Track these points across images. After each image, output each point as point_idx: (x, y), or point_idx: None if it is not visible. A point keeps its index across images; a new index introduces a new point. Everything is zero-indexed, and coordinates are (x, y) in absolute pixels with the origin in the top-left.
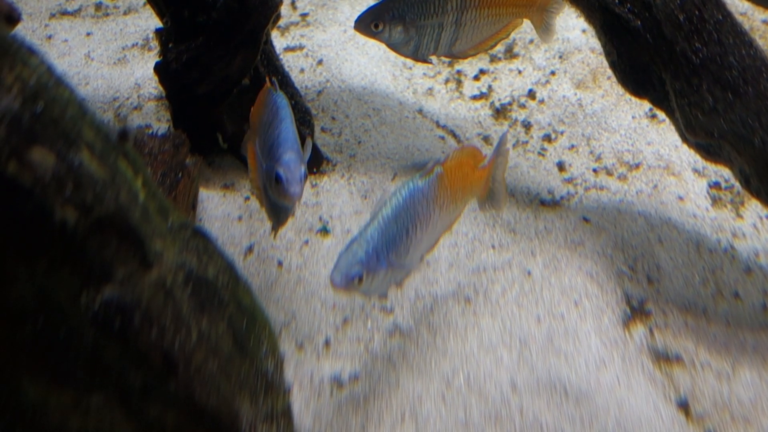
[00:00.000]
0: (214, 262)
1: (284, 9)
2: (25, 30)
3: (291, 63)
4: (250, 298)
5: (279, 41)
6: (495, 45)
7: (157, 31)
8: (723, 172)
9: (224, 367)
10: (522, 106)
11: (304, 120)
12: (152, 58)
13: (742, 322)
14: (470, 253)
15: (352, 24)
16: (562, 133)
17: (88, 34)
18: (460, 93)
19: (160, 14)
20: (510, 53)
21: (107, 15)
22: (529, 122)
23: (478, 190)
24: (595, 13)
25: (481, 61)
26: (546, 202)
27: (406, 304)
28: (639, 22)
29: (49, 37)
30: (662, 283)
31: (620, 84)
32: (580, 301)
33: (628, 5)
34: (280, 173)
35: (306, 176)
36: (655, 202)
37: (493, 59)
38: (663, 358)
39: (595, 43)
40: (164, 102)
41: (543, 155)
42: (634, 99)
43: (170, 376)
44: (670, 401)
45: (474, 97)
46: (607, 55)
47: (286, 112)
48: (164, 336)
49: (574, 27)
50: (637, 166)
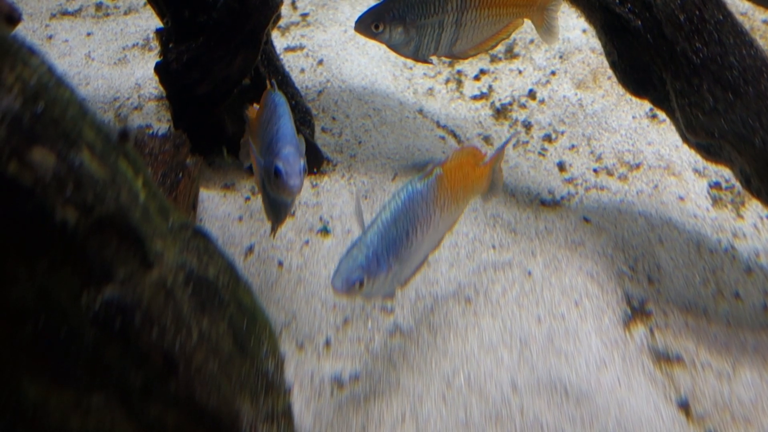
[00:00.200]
0: (214, 263)
1: (284, 9)
2: (26, 30)
3: (291, 63)
4: (251, 298)
5: (279, 41)
6: (496, 45)
7: (158, 31)
8: (723, 172)
9: (225, 367)
10: (522, 106)
11: (304, 120)
12: (153, 58)
13: (742, 322)
14: (471, 254)
15: (353, 24)
16: (562, 133)
17: (89, 35)
18: (461, 93)
19: (161, 14)
20: (510, 53)
21: (108, 15)
22: (529, 122)
23: (480, 187)
24: (595, 13)
25: (481, 61)
26: (546, 202)
27: (406, 305)
28: (639, 22)
29: (50, 38)
30: (663, 283)
31: (621, 84)
32: (580, 301)
33: (629, 5)
34: (279, 166)
35: (305, 170)
36: (656, 202)
37: (494, 59)
38: (663, 358)
39: (596, 43)
40: (165, 102)
41: (543, 155)
42: (634, 99)
43: (171, 376)
44: (671, 401)
45: (474, 97)
46: (608, 55)
47: (284, 109)
48: (165, 336)
49: (574, 27)
50: (638, 166)
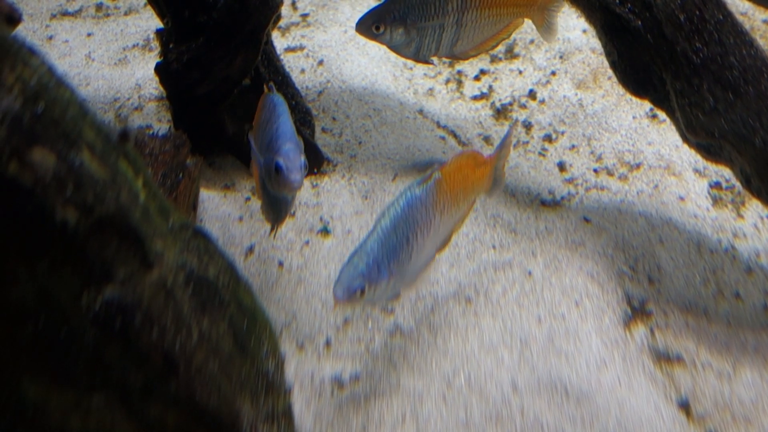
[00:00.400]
0: (214, 263)
1: (285, 9)
2: (26, 31)
3: (291, 63)
4: (251, 298)
5: (280, 42)
6: (497, 45)
7: (158, 32)
8: (724, 172)
9: (225, 368)
10: (523, 106)
11: (304, 120)
12: (153, 58)
13: (743, 322)
14: (471, 254)
15: (353, 24)
16: (562, 133)
17: (89, 35)
18: (461, 93)
19: (161, 15)
20: (510, 53)
21: (108, 15)
22: (529, 122)
23: (482, 186)
24: (595, 13)
25: (481, 62)
26: (547, 203)
27: (406, 305)
28: (639, 22)
29: (50, 38)
30: (663, 283)
31: (621, 84)
32: (580, 302)
33: (629, 5)
34: (280, 162)
35: (306, 166)
36: (656, 202)
37: (494, 59)
38: (664, 358)
39: (596, 43)
40: (165, 102)
41: (544, 155)
42: (634, 99)
43: (171, 376)
44: (671, 401)
45: (475, 98)
46: (608, 55)
47: (283, 109)
48: (165, 336)
49: (574, 27)
50: (638, 166)
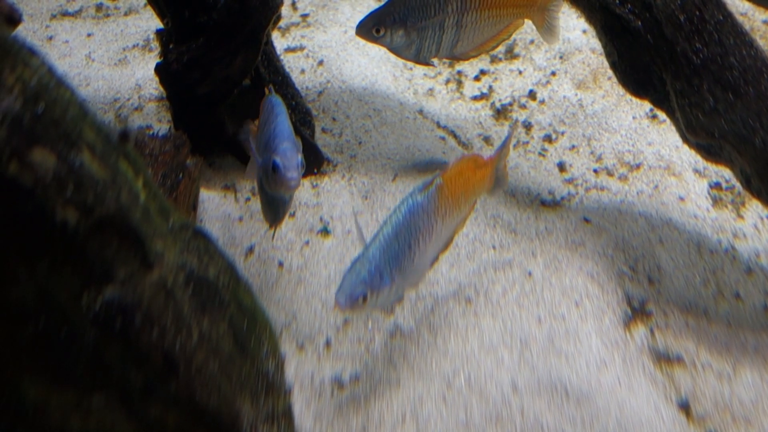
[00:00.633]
0: (214, 263)
1: (285, 10)
2: (26, 31)
3: (291, 64)
4: (251, 298)
5: (280, 42)
6: (497, 46)
7: (158, 32)
8: (724, 173)
9: (225, 368)
10: (523, 106)
11: (304, 120)
12: (153, 59)
13: (743, 322)
14: (471, 254)
15: (353, 25)
16: (562, 133)
17: (89, 35)
18: (461, 93)
19: (161, 15)
20: (510, 54)
21: (108, 16)
22: (529, 123)
23: (483, 188)
24: (595, 14)
25: (481, 62)
26: (547, 203)
27: (406, 305)
28: (639, 23)
29: (50, 38)
30: (663, 283)
31: (621, 84)
32: (580, 302)
33: (629, 6)
34: (277, 161)
35: (303, 165)
36: (656, 202)
37: (494, 60)
38: (664, 358)
39: (596, 43)
40: (165, 103)
41: (544, 156)
42: (634, 99)
43: (171, 376)
44: (671, 402)
45: (474, 98)
46: (608, 55)
47: (281, 109)
48: (165, 336)
49: (574, 27)
50: (638, 166)
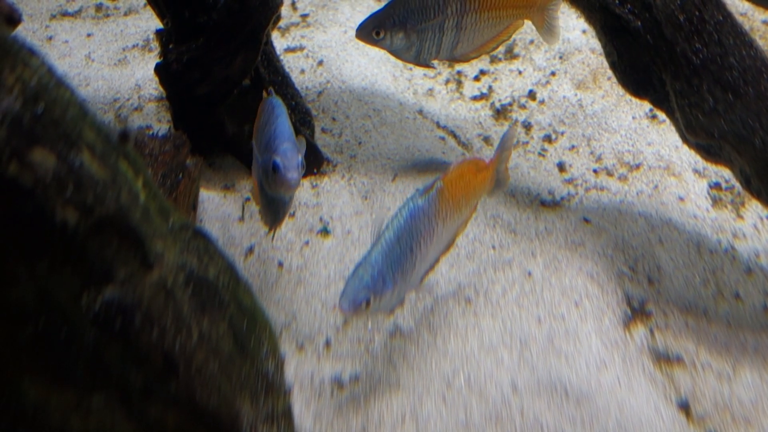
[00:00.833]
0: (214, 263)
1: (284, 10)
2: (26, 31)
3: (291, 64)
4: (251, 298)
5: (279, 42)
6: (497, 47)
7: (158, 32)
8: (723, 173)
9: (225, 368)
10: (522, 106)
11: (304, 121)
12: (153, 59)
13: (742, 322)
14: (471, 254)
15: (353, 25)
16: (562, 133)
17: (89, 35)
18: (461, 94)
19: (161, 15)
20: (510, 54)
21: (108, 16)
22: (529, 123)
23: (484, 190)
24: (595, 14)
25: (481, 62)
26: (546, 203)
27: (406, 305)
28: (639, 23)
29: (50, 38)
30: (663, 283)
31: (620, 84)
32: (580, 302)
33: (629, 6)
34: (277, 161)
35: (303, 165)
36: (656, 202)
37: (494, 60)
38: (664, 358)
39: (596, 43)
40: (165, 103)
41: (543, 156)
42: (634, 99)
43: (171, 376)
44: (671, 402)
45: (474, 98)
46: (608, 55)
47: (281, 110)
48: (165, 336)
49: (574, 27)
50: (638, 166)
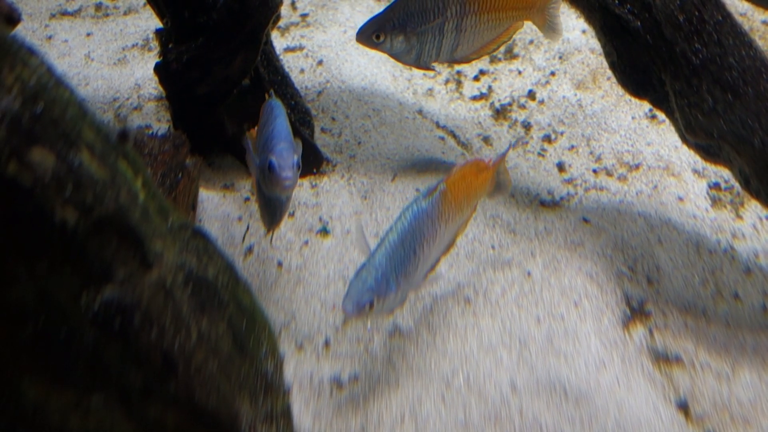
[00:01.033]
0: (214, 263)
1: (284, 9)
2: (25, 30)
3: (291, 63)
4: (250, 298)
5: (279, 42)
6: (497, 48)
7: (158, 32)
8: (723, 173)
9: (224, 368)
10: (522, 106)
11: (303, 120)
12: (152, 58)
13: (741, 323)
14: (470, 254)
15: (353, 24)
16: (561, 133)
17: (88, 35)
18: (460, 93)
19: (160, 15)
20: (510, 54)
21: (107, 15)
22: (529, 123)
23: (484, 191)
24: (594, 14)
25: (481, 62)
26: (546, 203)
27: (405, 305)
28: (639, 23)
29: (49, 38)
30: (662, 283)
31: (620, 85)
32: (579, 302)
33: (628, 6)
34: (273, 161)
35: (299, 166)
36: (655, 202)
37: (493, 60)
38: (663, 358)
39: (595, 43)
40: (164, 102)
41: (543, 156)
42: (633, 100)
43: (170, 376)
44: (670, 402)
45: (474, 98)
46: (607, 55)
47: (280, 111)
48: (164, 336)
49: (573, 28)
50: (637, 166)
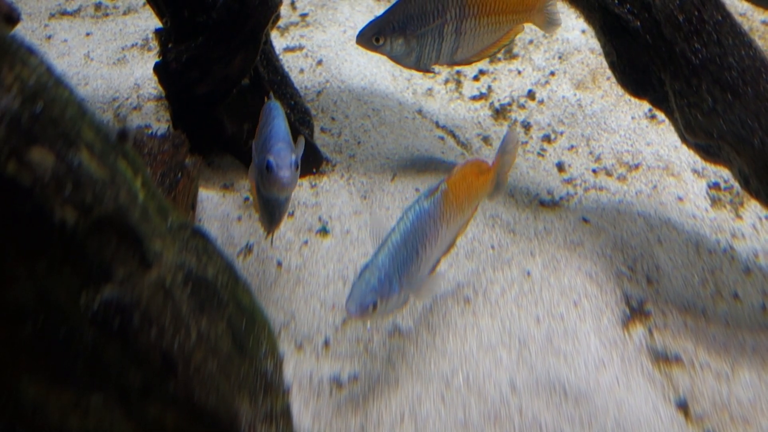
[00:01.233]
0: (213, 262)
1: (284, 9)
2: (25, 30)
3: (290, 63)
4: (250, 298)
5: (279, 41)
6: (498, 51)
7: (157, 32)
8: (722, 173)
9: (223, 367)
10: (521, 106)
11: (303, 120)
12: (152, 58)
13: (741, 322)
14: (470, 254)
15: (352, 24)
16: (561, 133)
17: (88, 35)
18: (460, 93)
19: (160, 14)
20: (509, 54)
21: (107, 15)
22: (528, 123)
23: (485, 191)
24: (594, 14)
25: (480, 62)
26: (545, 203)
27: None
28: (638, 23)
29: (49, 37)
30: (661, 283)
31: (620, 84)
32: (579, 302)
33: (628, 6)
34: (270, 160)
35: (298, 165)
36: (655, 202)
37: (493, 60)
38: (662, 358)
39: (595, 43)
40: (164, 102)
41: (542, 156)
42: (633, 99)
43: (170, 375)
44: (670, 402)
45: (473, 98)
46: (607, 55)
47: (278, 111)
48: (164, 336)
49: (573, 28)
50: (637, 166)
